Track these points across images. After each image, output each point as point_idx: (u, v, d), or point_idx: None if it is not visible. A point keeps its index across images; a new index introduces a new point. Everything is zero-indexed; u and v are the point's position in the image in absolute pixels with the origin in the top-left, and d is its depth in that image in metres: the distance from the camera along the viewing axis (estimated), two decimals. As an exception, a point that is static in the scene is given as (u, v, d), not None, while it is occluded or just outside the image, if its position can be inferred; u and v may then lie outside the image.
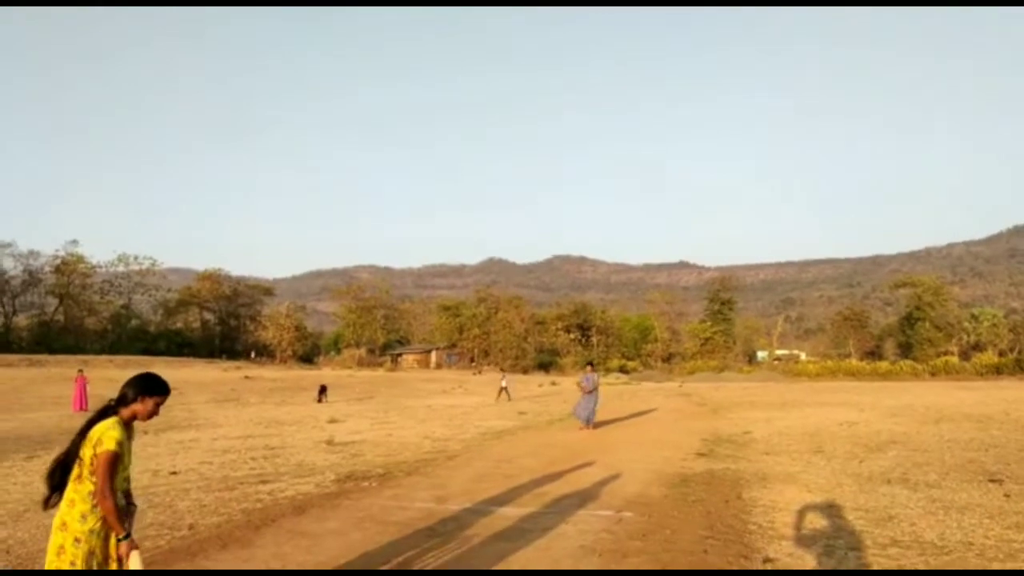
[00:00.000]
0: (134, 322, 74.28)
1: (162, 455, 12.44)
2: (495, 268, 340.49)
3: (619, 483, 8.88)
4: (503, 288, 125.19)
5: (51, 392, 30.13)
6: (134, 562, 3.29)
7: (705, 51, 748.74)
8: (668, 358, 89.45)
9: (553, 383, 51.54)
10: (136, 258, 75.11)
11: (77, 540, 3.25)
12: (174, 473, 10.33)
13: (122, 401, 3.51)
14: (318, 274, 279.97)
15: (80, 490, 3.33)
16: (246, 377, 46.94)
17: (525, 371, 73.66)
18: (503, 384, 31.72)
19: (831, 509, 7.47)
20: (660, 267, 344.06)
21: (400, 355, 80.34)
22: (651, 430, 16.77)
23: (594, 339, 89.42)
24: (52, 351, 56.78)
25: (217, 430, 17.36)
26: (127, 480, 3.55)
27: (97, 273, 72.15)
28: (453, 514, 7.12)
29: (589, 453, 11.92)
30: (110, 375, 44.27)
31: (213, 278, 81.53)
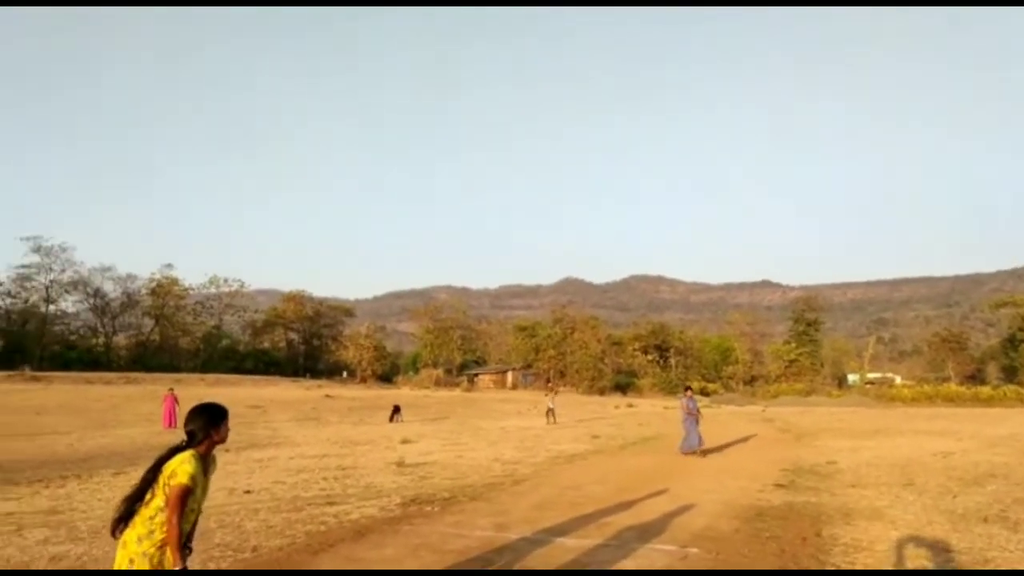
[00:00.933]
0: (224, 342, 77.52)
1: (240, 473, 12.73)
2: (571, 288, 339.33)
3: (688, 515, 8.51)
4: (579, 308, 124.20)
5: (145, 409, 31.53)
6: None
7: (793, 62, 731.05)
8: (750, 381, 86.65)
9: (630, 405, 50.66)
10: (226, 280, 78.77)
11: (132, 561, 3.32)
12: (248, 492, 10.53)
13: (191, 440, 3.56)
14: (397, 295, 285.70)
15: (144, 514, 3.41)
16: (327, 396, 48.09)
17: (602, 392, 72.72)
18: (550, 405, 30.63)
19: (919, 550, 6.92)
20: (741, 286, 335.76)
21: (476, 375, 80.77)
22: (728, 457, 16.16)
23: (672, 360, 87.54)
24: (148, 369, 59.73)
25: (295, 449, 17.73)
26: (198, 513, 3.60)
27: (190, 295, 75.94)
28: (511, 543, 6.95)
29: (660, 481, 11.53)
30: (200, 393, 46.24)
31: (297, 299, 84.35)
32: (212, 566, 6.21)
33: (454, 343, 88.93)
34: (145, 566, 3.33)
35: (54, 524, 8.17)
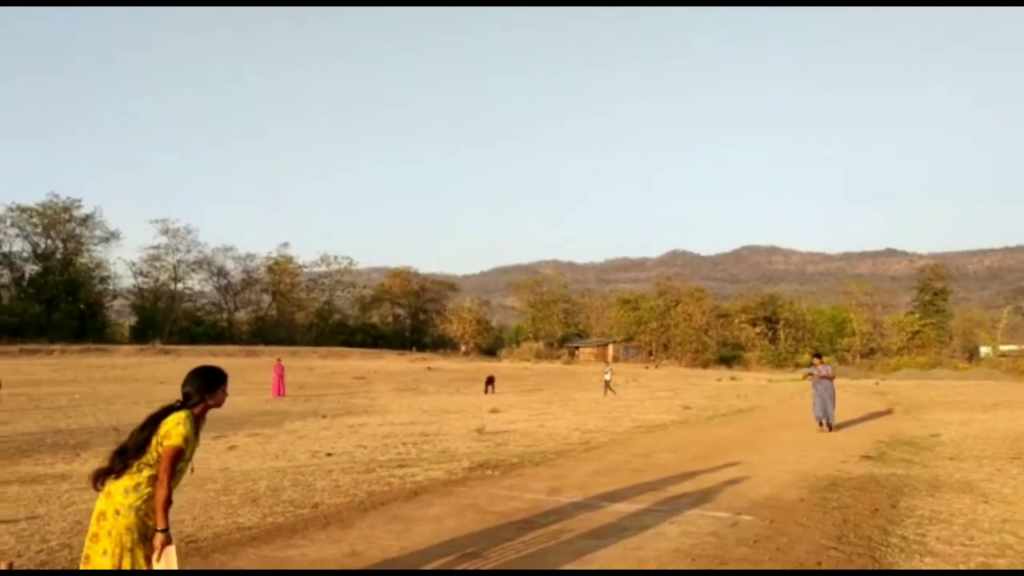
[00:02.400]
0: (335, 317, 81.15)
1: (328, 438, 13.29)
2: (678, 260, 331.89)
3: (752, 484, 8.17)
4: (686, 281, 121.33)
5: (259, 379, 33.35)
6: (169, 557, 3.36)
7: (920, 18, 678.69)
8: (868, 354, 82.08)
9: (733, 378, 49.25)
10: (336, 258, 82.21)
11: (117, 512, 3.41)
12: (329, 455, 10.97)
13: (186, 401, 3.60)
14: (504, 270, 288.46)
15: (133, 467, 3.48)
16: (428, 368, 49.47)
17: (705, 365, 71.03)
18: (606, 378, 29.68)
19: (1005, 525, 6.35)
20: (862, 255, 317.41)
21: (577, 348, 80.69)
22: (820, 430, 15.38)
23: (781, 333, 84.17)
24: (267, 342, 63.35)
25: (387, 416, 18.31)
26: (189, 470, 3.69)
27: (303, 273, 79.97)
28: (558, 507, 6.90)
29: (737, 451, 11.14)
30: (311, 364, 48.70)
31: (403, 276, 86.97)
32: (272, 520, 6.50)
33: (556, 316, 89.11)
34: (131, 517, 3.39)
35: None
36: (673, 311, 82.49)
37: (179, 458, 3.44)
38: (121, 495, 3.43)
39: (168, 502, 3.41)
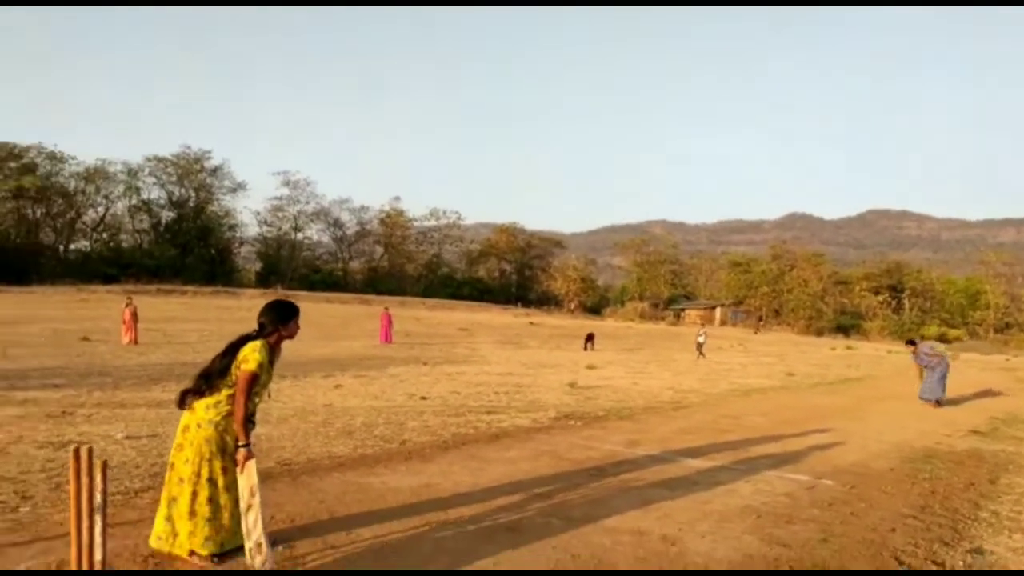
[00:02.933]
0: (443, 270, 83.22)
1: (426, 383, 13.84)
2: (798, 224, 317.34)
3: (842, 451, 7.93)
4: (805, 245, 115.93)
5: (369, 326, 34.78)
6: (249, 470, 3.74)
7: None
8: (1003, 328, 76.11)
9: (848, 348, 47.05)
10: (445, 212, 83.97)
11: (199, 425, 3.83)
12: (424, 398, 11.46)
13: (261, 331, 3.96)
14: (612, 229, 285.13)
15: (210, 390, 3.89)
16: (531, 323, 49.98)
17: (820, 333, 68.08)
18: (700, 339, 28.43)
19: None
20: (1006, 222, 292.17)
21: (683, 310, 79.19)
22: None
23: (906, 303, 79.26)
24: (378, 292, 65.88)
25: (484, 367, 18.78)
26: (266, 396, 4.06)
27: (413, 226, 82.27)
28: (633, 458, 6.98)
29: (834, 419, 10.78)
30: (418, 315, 50.33)
31: (509, 231, 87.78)
32: (362, 452, 6.94)
33: (662, 277, 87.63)
34: (209, 430, 3.80)
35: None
36: (787, 276, 79.27)
37: (254, 382, 3.79)
38: (203, 411, 3.83)
39: (246, 420, 3.77)
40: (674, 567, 4.01)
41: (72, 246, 64.60)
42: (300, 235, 76.89)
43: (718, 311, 77.65)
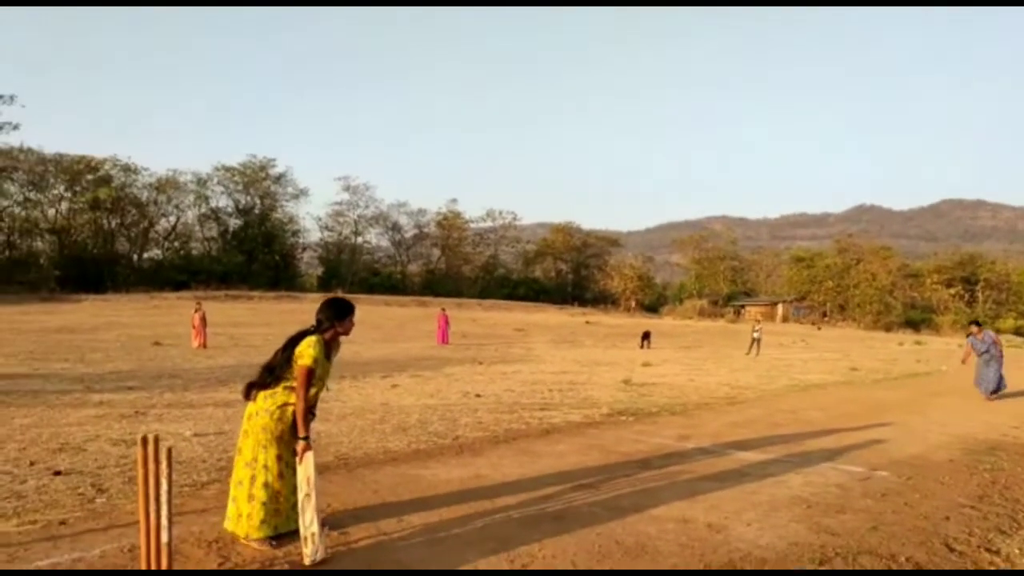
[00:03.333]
0: (500, 270, 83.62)
1: (481, 382, 14.03)
2: (866, 216, 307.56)
3: (900, 443, 7.76)
4: (874, 238, 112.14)
5: (426, 328, 35.29)
6: (307, 461, 3.96)
7: None
8: (1086, 321, 72.15)
9: (917, 343, 45.42)
10: (501, 213, 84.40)
11: (258, 414, 4.08)
12: (478, 396, 11.64)
13: (318, 327, 4.19)
14: (670, 226, 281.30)
15: (274, 383, 4.13)
16: (587, 322, 49.85)
17: (888, 328, 65.82)
18: (755, 335, 27.66)
19: None
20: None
21: (743, 307, 77.62)
22: (1003, 399, 14.01)
23: (980, 295, 75.92)
24: (436, 294, 66.65)
25: (539, 366, 18.89)
26: (321, 387, 4.25)
27: (470, 227, 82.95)
28: (683, 451, 6.99)
29: (895, 412, 10.51)
30: (475, 316, 50.77)
31: (565, 231, 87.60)
32: (415, 447, 7.13)
33: (722, 274, 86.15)
34: (266, 419, 4.04)
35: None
36: (853, 270, 76.86)
37: (311, 376, 3.99)
38: (262, 400, 4.08)
39: (305, 413, 3.98)
40: (717, 554, 4.04)
41: (145, 255, 67.36)
42: (360, 239, 78.48)
43: (780, 307, 75.88)
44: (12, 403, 9.52)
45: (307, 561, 3.79)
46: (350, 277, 70.71)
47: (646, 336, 29.73)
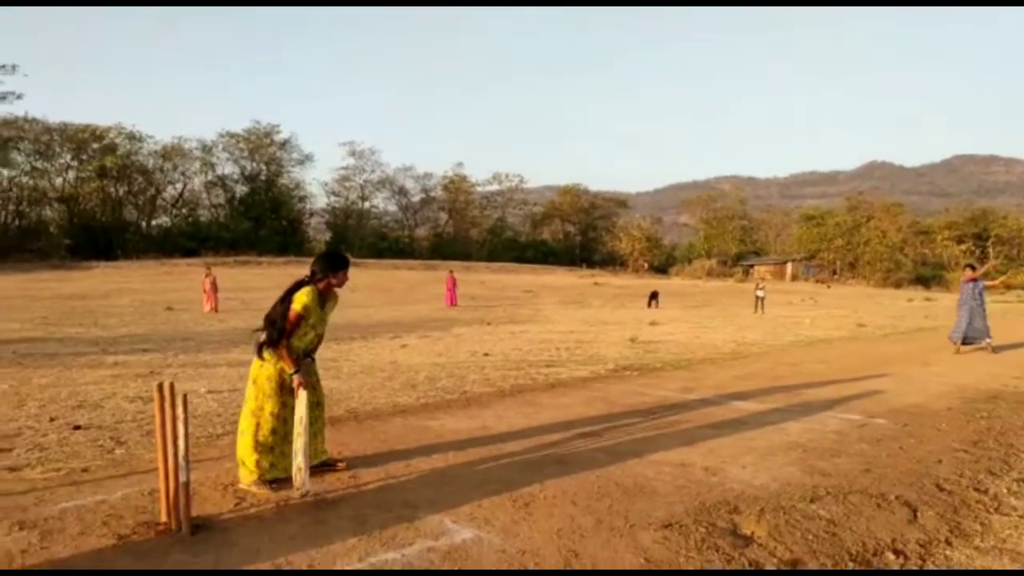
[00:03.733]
0: (507, 233, 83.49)
1: (489, 341, 14.21)
2: (877, 173, 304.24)
3: (900, 393, 7.88)
4: (885, 195, 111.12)
5: (436, 291, 35.47)
6: (302, 397, 4.17)
7: None
8: (1099, 275, 71.64)
9: (928, 299, 45.34)
10: (507, 176, 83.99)
11: (262, 364, 4.30)
12: (486, 354, 11.81)
13: (312, 278, 4.40)
14: (679, 187, 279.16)
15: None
16: (595, 283, 49.97)
17: (898, 285, 65.65)
18: (759, 294, 27.90)
19: None
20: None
21: (752, 266, 77.44)
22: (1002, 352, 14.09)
23: (991, 251, 75.42)
24: (444, 257, 66.78)
25: (547, 325, 19.06)
26: (319, 337, 4.47)
27: (476, 191, 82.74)
28: (685, 402, 7.14)
29: (898, 365, 10.62)
30: (483, 278, 50.90)
31: (572, 193, 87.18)
32: (424, 401, 7.30)
33: (730, 234, 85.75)
34: (270, 369, 4.28)
35: (326, 368, 10.05)
36: (864, 227, 76.38)
37: (299, 321, 4.22)
38: (267, 352, 4.24)
39: (289, 352, 4.18)
40: (712, 493, 4.19)
41: (154, 222, 67.59)
42: (367, 204, 78.43)
43: (789, 266, 75.65)
44: (30, 364, 9.77)
45: (297, 494, 4.03)
46: (358, 242, 70.83)
47: (654, 296, 29.83)
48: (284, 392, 4.28)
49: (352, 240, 71.16)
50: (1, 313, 15.82)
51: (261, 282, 38.48)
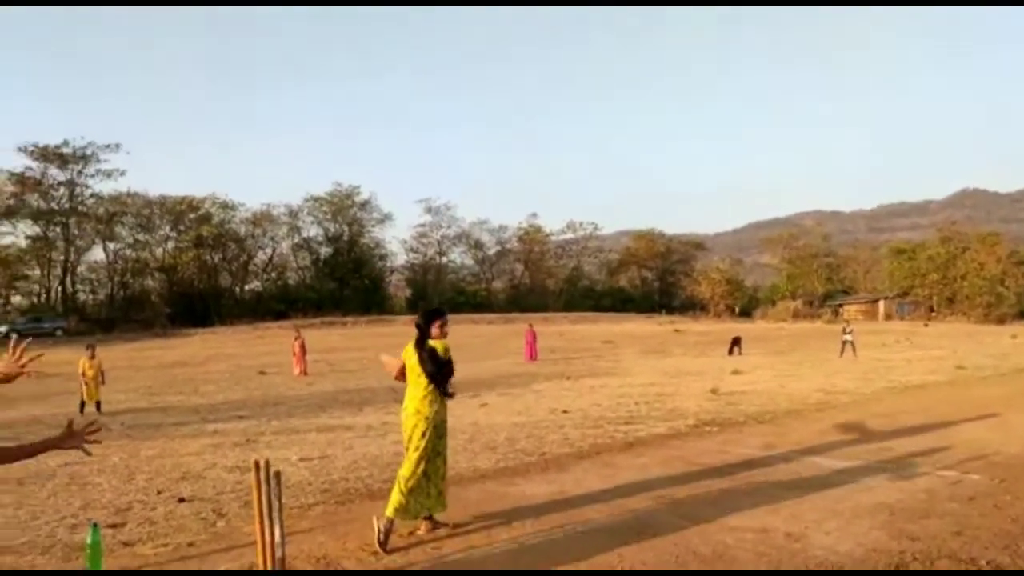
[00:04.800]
0: (583, 282, 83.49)
1: (568, 397, 14.27)
2: (970, 201, 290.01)
3: (998, 443, 7.52)
4: (979, 224, 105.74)
5: (515, 344, 35.71)
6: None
7: None
8: None
9: (1035, 334, 42.51)
10: (581, 224, 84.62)
11: (425, 417, 5.00)
12: (565, 412, 11.89)
13: (420, 331, 5.17)
14: (759, 225, 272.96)
15: (414, 389, 5.10)
16: (676, 330, 49.17)
17: (1001, 321, 61.80)
18: (846, 338, 26.53)
19: None
20: None
21: (841, 306, 74.59)
22: None
23: (1103, 280, 70.25)
24: (522, 310, 67.25)
25: (627, 378, 18.94)
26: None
27: (551, 240, 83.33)
28: (766, 460, 7.04)
29: (995, 410, 10.09)
30: (562, 329, 50.91)
31: (647, 238, 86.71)
32: (504, 464, 7.45)
33: (816, 272, 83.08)
34: (430, 424, 5.01)
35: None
36: (959, 260, 72.70)
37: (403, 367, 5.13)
38: (420, 402, 5.06)
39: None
40: (794, 563, 4.16)
41: (246, 287, 70.99)
42: (444, 259, 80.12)
43: (881, 304, 72.51)
44: (137, 436, 10.45)
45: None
46: (437, 297, 72.14)
47: (736, 342, 29.16)
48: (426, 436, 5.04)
49: (431, 295, 72.58)
50: (109, 384, 17.03)
51: (346, 342, 39.72)
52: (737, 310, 76.15)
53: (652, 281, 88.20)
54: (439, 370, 5.02)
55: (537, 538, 4.77)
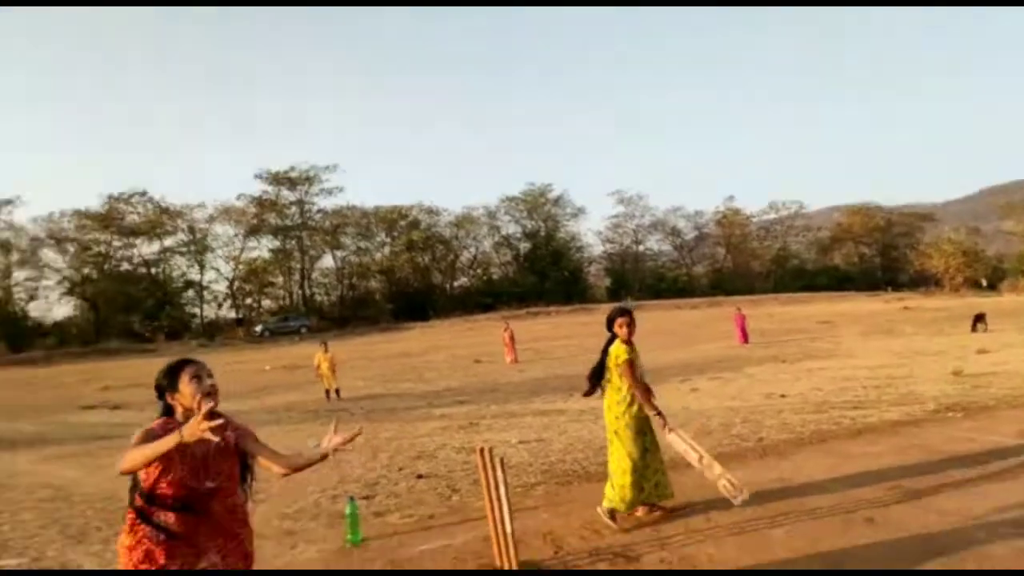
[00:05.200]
0: (792, 262, 78.62)
1: (785, 381, 13.66)
2: None
3: None
4: None
5: (723, 328, 34.52)
6: (673, 435, 4.94)
7: None
8: None
9: None
10: (784, 203, 80.00)
11: (616, 418, 5.04)
12: (783, 396, 11.40)
13: (611, 331, 5.18)
14: (996, 190, 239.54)
15: (609, 387, 5.08)
16: (905, 308, 44.74)
17: None
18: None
19: None
20: None
21: (1116, 272, 63.49)
22: None
23: None
24: (727, 293, 64.93)
25: (849, 360, 17.70)
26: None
27: (752, 222, 79.57)
28: (1020, 448, 6.27)
29: None
30: (771, 311, 48.35)
31: (863, 212, 79.81)
32: (719, 450, 7.33)
33: (1074, 236, 71.50)
34: (621, 423, 4.97)
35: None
36: None
37: (633, 366, 4.93)
38: (615, 406, 5.04)
39: (645, 393, 4.91)
40: (1064, 561, 3.72)
41: (455, 284, 75.65)
42: (641, 247, 79.50)
43: None
44: (376, 419, 11.58)
45: (737, 502, 4.62)
46: (637, 284, 71.89)
47: (979, 318, 25.98)
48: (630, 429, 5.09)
49: (631, 283, 72.41)
50: (350, 372, 19.12)
51: (551, 331, 40.73)
52: (984, 283, 67.60)
53: (872, 257, 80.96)
54: (592, 372, 5.15)
55: (759, 524, 4.68)
